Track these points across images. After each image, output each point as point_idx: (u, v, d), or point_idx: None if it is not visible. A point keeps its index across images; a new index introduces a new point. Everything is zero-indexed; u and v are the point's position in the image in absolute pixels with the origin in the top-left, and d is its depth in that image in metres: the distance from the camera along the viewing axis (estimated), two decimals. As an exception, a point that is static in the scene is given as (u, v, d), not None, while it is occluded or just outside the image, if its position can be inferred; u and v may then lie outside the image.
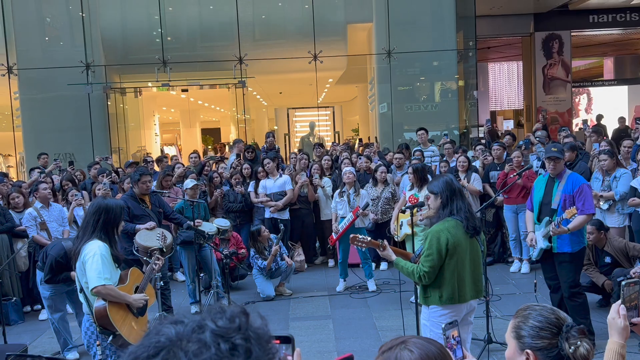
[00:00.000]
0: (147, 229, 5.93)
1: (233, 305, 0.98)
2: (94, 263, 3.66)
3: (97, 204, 3.92)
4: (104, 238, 3.77)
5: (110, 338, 3.73)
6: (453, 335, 1.99)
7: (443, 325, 2.06)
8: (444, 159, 9.04)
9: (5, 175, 9.10)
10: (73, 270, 5.25)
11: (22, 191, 7.60)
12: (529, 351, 1.79)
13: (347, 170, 7.70)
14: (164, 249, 4.81)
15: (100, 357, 3.76)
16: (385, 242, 4.24)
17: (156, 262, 4.19)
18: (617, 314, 1.97)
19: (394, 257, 4.06)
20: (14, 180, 10.32)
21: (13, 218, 7.16)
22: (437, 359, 1.48)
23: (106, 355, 3.77)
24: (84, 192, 7.93)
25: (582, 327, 1.81)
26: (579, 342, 1.74)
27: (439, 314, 3.88)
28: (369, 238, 4.49)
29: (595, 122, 16.04)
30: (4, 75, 12.78)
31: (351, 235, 4.59)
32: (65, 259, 5.41)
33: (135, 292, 3.93)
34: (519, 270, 7.88)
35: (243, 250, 7.83)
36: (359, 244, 4.44)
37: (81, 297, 3.87)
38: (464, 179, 7.69)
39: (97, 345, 3.76)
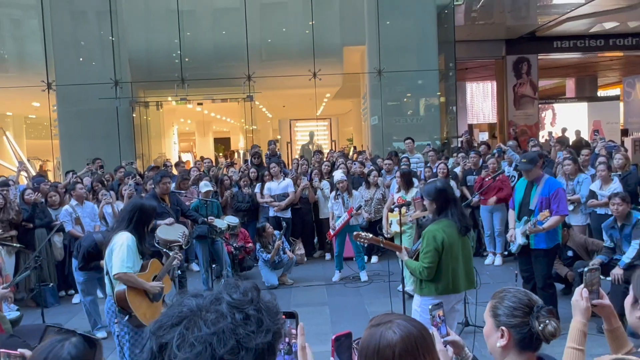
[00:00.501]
0: (167, 224, 5.91)
1: (246, 281, 0.97)
2: (121, 252, 3.67)
3: (134, 202, 3.97)
4: (134, 232, 3.77)
5: (127, 318, 3.73)
6: (438, 315, 1.99)
7: (430, 306, 2.05)
8: (428, 165, 9.03)
9: (44, 176, 9.12)
10: (102, 260, 5.34)
11: (58, 191, 7.67)
12: (503, 328, 1.78)
13: (337, 179, 7.65)
14: (183, 246, 4.83)
15: (118, 333, 3.78)
16: (404, 248, 4.20)
17: (175, 256, 4.19)
18: (580, 296, 1.97)
19: (406, 257, 4.05)
20: (52, 181, 10.28)
21: (50, 214, 7.21)
22: (417, 340, 1.45)
23: (124, 332, 3.78)
24: (111, 192, 7.92)
25: (551, 308, 1.81)
26: (547, 321, 1.74)
27: (431, 302, 3.84)
28: (371, 235, 4.45)
29: (560, 135, 16.14)
30: (44, 91, 12.79)
31: (355, 233, 4.54)
32: (96, 249, 5.46)
33: (153, 281, 3.93)
34: (493, 262, 7.87)
35: (250, 245, 7.83)
36: (362, 240, 4.41)
37: (106, 280, 3.88)
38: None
39: (115, 323, 3.78)
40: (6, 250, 6.56)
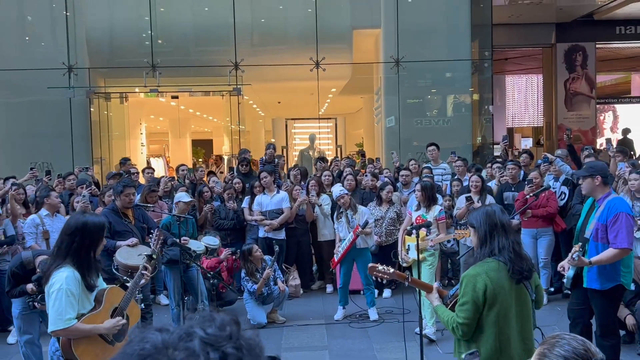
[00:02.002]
0: (129, 245, 5.93)
1: (223, 312, 0.98)
2: (57, 301, 3.51)
3: (73, 223, 3.72)
4: (77, 264, 3.61)
5: None
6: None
7: (463, 355, 2.04)
8: (456, 177, 9.04)
9: None
10: (30, 283, 5.35)
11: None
12: None
13: (337, 195, 7.62)
14: (154, 256, 4.68)
15: None
16: (435, 285, 3.93)
17: (143, 272, 4.07)
18: None
19: (437, 302, 3.79)
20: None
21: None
22: None
23: None
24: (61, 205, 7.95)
25: None
26: None
27: None
28: (392, 269, 4.14)
29: (621, 138, 16.15)
30: (-21, 77, 12.89)
31: (370, 266, 4.25)
32: (22, 269, 5.47)
33: (112, 314, 3.79)
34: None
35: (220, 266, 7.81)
36: (380, 275, 4.13)
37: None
38: (478, 202, 7.63)
39: None
40: None
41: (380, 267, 4.13)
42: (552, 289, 8.07)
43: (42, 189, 8.46)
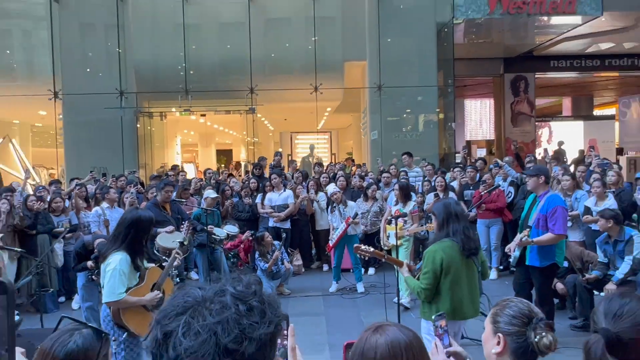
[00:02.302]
0: (167, 232, 5.91)
1: (248, 275, 0.98)
2: (111, 278, 3.47)
3: (129, 217, 3.65)
4: (129, 249, 3.57)
5: (125, 335, 3.58)
6: (441, 325, 1.97)
7: (434, 317, 2.02)
8: (426, 178, 9.04)
9: (59, 182, 9.17)
10: (89, 261, 5.35)
11: (62, 197, 7.67)
12: (500, 335, 1.77)
13: (331, 192, 7.69)
14: (184, 242, 4.65)
15: (115, 351, 3.60)
16: (405, 261, 3.99)
17: (176, 255, 4.03)
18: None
19: (406, 274, 3.84)
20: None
21: (53, 221, 7.20)
22: (403, 348, 1.43)
23: (121, 349, 3.61)
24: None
25: (550, 322, 1.78)
26: (544, 334, 1.72)
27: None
28: (372, 248, 4.24)
29: (557, 148, 16.20)
30: (50, 99, 12.87)
31: (355, 246, 4.40)
32: (84, 250, 5.52)
33: (152, 288, 3.76)
34: (489, 277, 7.85)
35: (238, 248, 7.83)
36: (363, 253, 4.20)
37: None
38: (443, 198, 7.63)
39: (113, 340, 3.57)
40: (9, 256, 6.54)
41: (363, 247, 4.28)
42: (501, 267, 8.06)
43: (101, 187, 8.45)
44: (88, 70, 13.41)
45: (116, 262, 3.50)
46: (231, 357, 0.82)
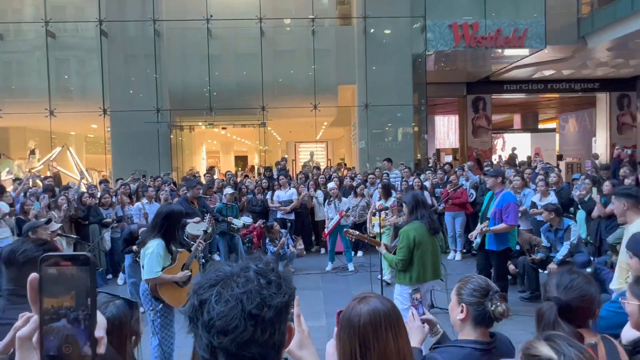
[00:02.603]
0: (194, 222, 5.89)
1: (267, 255, 0.98)
2: (150, 260, 3.48)
3: (165, 211, 3.65)
4: (164, 237, 3.56)
5: (161, 306, 3.59)
6: (417, 298, 1.96)
7: (410, 291, 2.02)
8: (404, 179, 9.03)
9: (107, 181, 9.16)
10: (134, 245, 5.36)
11: (110, 194, 7.65)
12: (463, 304, 1.76)
13: (330, 187, 7.72)
14: (207, 230, 4.67)
15: (152, 319, 3.63)
16: (383, 242, 4.13)
17: (200, 241, 4.06)
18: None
19: (384, 251, 3.97)
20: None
21: (102, 213, 7.18)
22: (382, 315, 1.42)
23: (157, 317, 3.61)
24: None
25: (503, 294, 1.78)
26: (498, 304, 1.71)
27: (407, 291, 3.76)
28: (358, 232, 4.43)
29: (510, 153, 16.28)
30: (100, 115, 12.82)
31: (345, 230, 4.51)
32: (131, 237, 5.51)
33: (182, 268, 3.76)
34: (454, 258, 7.84)
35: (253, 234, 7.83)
36: (350, 235, 4.35)
37: (142, 269, 3.76)
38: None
39: (151, 310, 3.62)
40: (66, 242, 6.52)
41: (351, 231, 4.43)
42: (464, 250, 8.05)
43: (141, 186, 8.42)
44: (131, 91, 13.38)
45: (154, 247, 3.51)
46: (254, 320, 0.82)
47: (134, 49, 13.35)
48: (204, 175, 10.58)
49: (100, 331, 0.68)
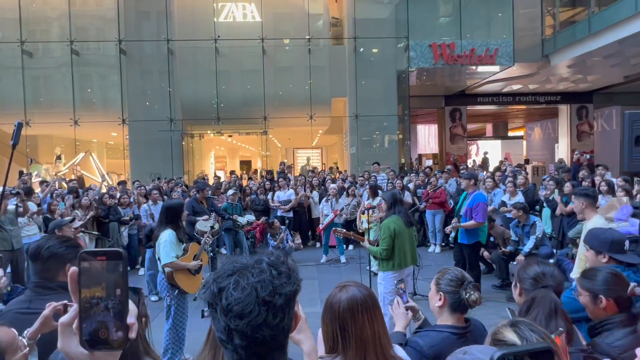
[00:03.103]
0: (203, 220, 5.86)
1: (277, 250, 0.98)
2: (165, 247, 3.54)
3: (166, 205, 3.71)
4: (172, 226, 3.60)
5: (176, 292, 3.60)
6: (401, 287, 1.97)
7: (396, 282, 2.02)
8: (390, 181, 9.04)
9: (125, 184, 9.11)
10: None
11: (128, 194, 7.58)
12: (441, 293, 1.77)
13: (332, 186, 7.73)
14: (214, 226, 4.70)
15: (168, 303, 3.65)
16: (366, 239, 4.18)
17: (208, 235, 4.11)
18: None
19: (367, 245, 4.02)
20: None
21: (121, 212, 7.12)
22: (359, 302, 1.41)
23: (173, 302, 3.64)
24: (165, 196, 7.86)
25: (477, 284, 1.80)
26: (472, 292, 1.72)
27: (391, 276, 3.80)
28: (345, 230, 4.50)
29: (483, 156, 16.34)
30: (120, 125, 12.74)
31: (333, 229, 4.56)
32: (151, 233, 5.47)
33: (193, 259, 3.78)
34: (434, 250, 7.86)
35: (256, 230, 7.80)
36: (339, 234, 4.40)
37: (158, 261, 3.76)
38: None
39: (167, 296, 3.65)
40: (89, 237, 6.47)
41: (339, 229, 4.45)
42: (443, 244, 8.07)
43: (156, 187, 8.35)
44: (147, 103, 13.32)
45: (165, 236, 3.57)
46: (267, 306, 0.83)
47: (149, 65, 13.29)
48: (213, 177, 10.54)
49: (131, 318, 0.68)
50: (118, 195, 7.47)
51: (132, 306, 0.69)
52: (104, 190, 8.84)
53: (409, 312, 1.93)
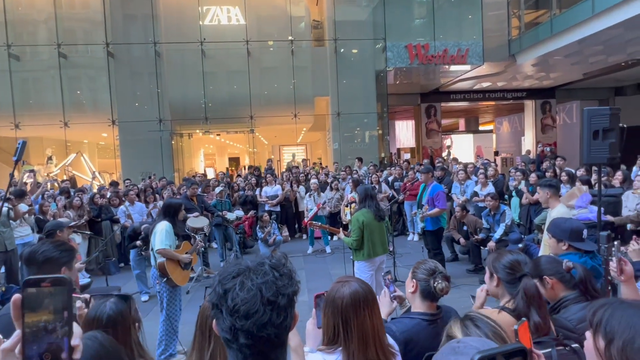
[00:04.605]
0: (194, 217, 5.78)
1: (278, 253, 0.98)
2: (161, 234, 3.58)
3: (166, 202, 3.86)
4: (169, 220, 3.67)
5: (165, 280, 3.61)
6: (388, 279, 1.98)
7: (383, 273, 2.03)
8: (371, 174, 9.08)
9: (117, 184, 8.87)
10: (138, 241, 5.25)
11: (119, 195, 7.40)
12: (414, 280, 1.81)
13: (312, 182, 7.70)
14: (206, 234, 4.74)
15: (159, 290, 3.67)
16: (341, 230, 4.19)
17: (200, 241, 4.19)
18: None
19: (342, 236, 4.04)
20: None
21: (112, 211, 6.96)
22: (361, 297, 1.43)
23: (163, 290, 3.65)
24: (157, 195, 7.70)
25: (447, 275, 1.82)
26: (440, 281, 1.75)
27: (363, 265, 3.86)
28: (320, 223, 4.55)
29: (446, 155, 16.51)
30: (110, 125, 12.41)
31: (309, 221, 4.60)
32: (134, 233, 5.36)
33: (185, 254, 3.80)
34: (412, 239, 7.95)
35: (244, 224, 7.74)
36: (314, 226, 4.44)
37: (151, 254, 3.73)
38: (377, 188, 7.71)
39: (157, 283, 3.68)
40: (82, 237, 6.30)
41: (314, 222, 4.47)
42: (420, 232, 8.16)
43: (148, 186, 8.18)
44: (136, 104, 13.00)
45: (163, 226, 3.65)
46: (271, 306, 0.83)
47: (138, 67, 12.94)
48: (199, 175, 10.38)
49: (76, 340, 0.66)
50: (109, 194, 7.29)
51: (76, 328, 0.67)
52: (95, 187, 8.62)
53: (394, 301, 1.95)
